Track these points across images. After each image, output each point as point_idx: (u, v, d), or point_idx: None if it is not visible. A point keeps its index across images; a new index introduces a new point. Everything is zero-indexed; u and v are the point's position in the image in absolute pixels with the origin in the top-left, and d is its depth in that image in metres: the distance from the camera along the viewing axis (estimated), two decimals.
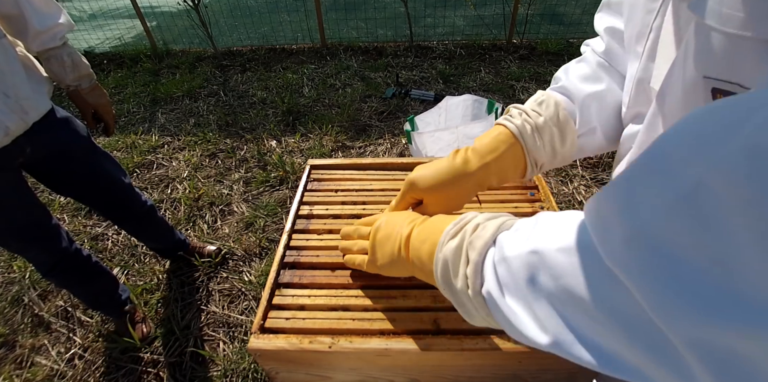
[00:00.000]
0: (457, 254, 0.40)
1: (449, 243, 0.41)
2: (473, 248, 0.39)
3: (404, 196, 0.57)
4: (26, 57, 1.03)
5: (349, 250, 0.59)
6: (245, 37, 3.99)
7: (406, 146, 2.35)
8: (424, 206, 0.56)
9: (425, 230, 0.47)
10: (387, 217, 0.54)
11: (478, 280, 0.38)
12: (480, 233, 0.39)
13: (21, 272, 1.73)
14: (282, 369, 0.58)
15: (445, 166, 0.54)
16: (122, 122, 2.78)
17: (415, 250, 0.47)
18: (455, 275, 0.40)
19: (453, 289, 0.41)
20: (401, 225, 0.50)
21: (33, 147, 1.04)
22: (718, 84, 0.30)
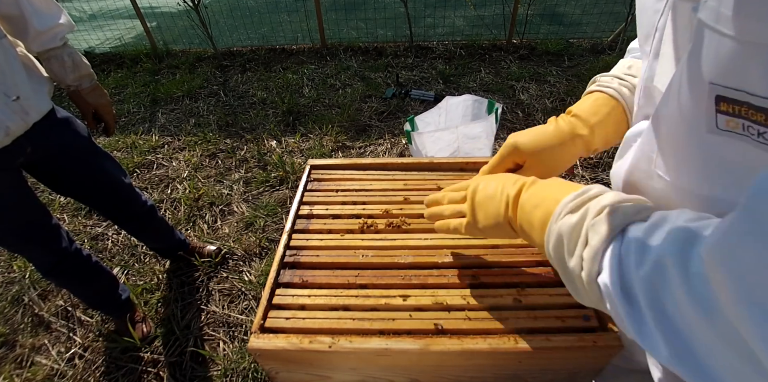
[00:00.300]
0: (575, 233, 0.38)
1: (567, 217, 0.39)
2: (595, 233, 0.36)
3: (503, 159, 0.57)
4: (27, 57, 1.03)
5: (440, 215, 0.57)
6: (245, 38, 3.99)
7: (406, 146, 2.35)
8: (524, 171, 0.56)
9: (538, 194, 0.44)
10: (484, 178, 0.53)
11: (595, 267, 0.36)
12: (607, 218, 0.36)
13: (21, 271, 1.73)
14: (282, 369, 0.58)
15: (550, 130, 0.55)
16: (122, 122, 2.78)
17: (526, 214, 0.44)
18: (569, 254, 0.38)
19: (564, 266, 0.39)
20: (506, 185, 0.48)
21: (33, 147, 1.04)
22: (724, 91, 0.29)
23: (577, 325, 0.54)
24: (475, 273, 0.62)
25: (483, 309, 0.57)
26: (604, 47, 3.37)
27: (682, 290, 0.28)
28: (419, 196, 0.78)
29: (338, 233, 0.71)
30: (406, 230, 0.71)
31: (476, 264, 0.64)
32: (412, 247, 0.67)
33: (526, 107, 2.66)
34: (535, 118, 2.53)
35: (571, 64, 3.17)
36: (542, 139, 0.55)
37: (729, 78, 0.29)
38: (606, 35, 3.52)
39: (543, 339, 0.52)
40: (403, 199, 0.77)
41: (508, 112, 2.62)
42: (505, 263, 0.64)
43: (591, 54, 3.31)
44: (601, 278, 0.35)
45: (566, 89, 2.81)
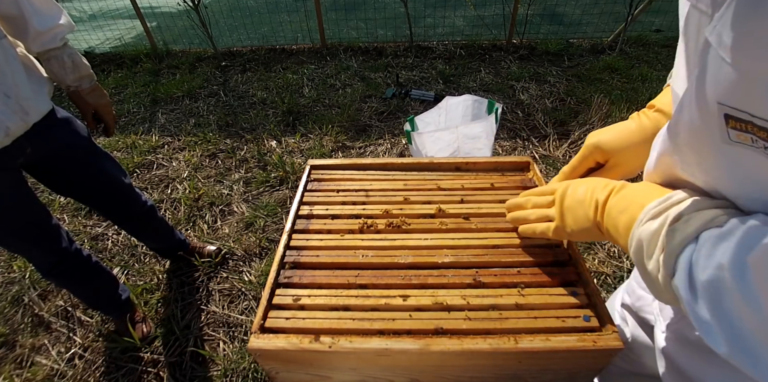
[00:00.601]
0: (654, 238, 0.40)
1: (648, 224, 0.41)
2: (671, 239, 0.38)
3: (585, 158, 0.57)
4: (26, 57, 1.03)
5: (525, 219, 0.59)
6: (245, 38, 3.99)
7: (406, 146, 2.35)
8: (608, 169, 0.57)
9: (625, 200, 0.46)
10: (572, 183, 0.53)
11: (669, 270, 0.38)
12: (682, 226, 0.38)
13: (21, 272, 1.73)
14: (282, 369, 0.58)
15: (633, 127, 0.55)
16: (122, 122, 2.78)
17: (612, 219, 0.46)
18: (648, 257, 0.40)
19: (644, 268, 0.41)
20: (594, 189, 0.50)
21: (33, 147, 1.04)
22: (731, 111, 0.30)
23: (577, 325, 0.54)
24: (475, 273, 0.62)
25: (483, 309, 0.57)
26: (604, 47, 3.37)
27: (738, 295, 0.30)
28: (419, 196, 0.78)
29: (338, 233, 0.71)
30: (406, 230, 0.71)
31: (476, 264, 0.64)
32: (412, 247, 0.67)
33: (526, 107, 2.66)
34: (535, 118, 2.53)
35: (571, 64, 3.17)
36: (625, 137, 0.55)
37: (733, 100, 0.30)
38: (606, 35, 3.52)
39: (543, 339, 0.52)
40: (403, 199, 0.77)
41: (508, 112, 2.62)
42: (505, 263, 0.64)
43: (591, 54, 3.31)
44: (674, 281, 0.38)
45: (566, 89, 2.81)
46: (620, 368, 0.74)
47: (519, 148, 2.32)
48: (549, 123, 2.48)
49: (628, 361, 0.70)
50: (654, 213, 0.41)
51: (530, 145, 2.33)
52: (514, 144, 2.35)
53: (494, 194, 0.79)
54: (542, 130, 2.43)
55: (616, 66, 3.04)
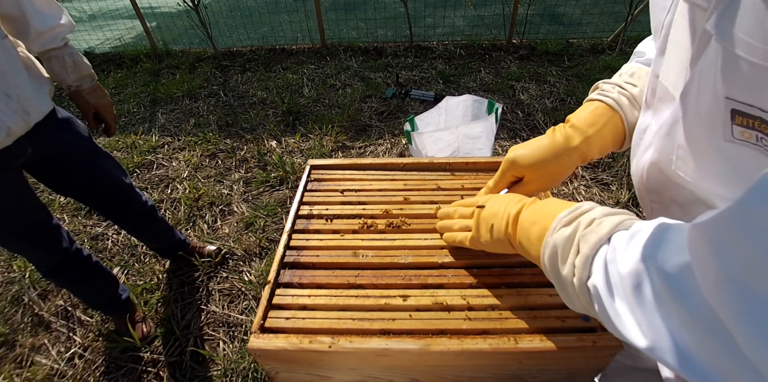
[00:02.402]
0: (568, 243, 0.41)
1: (561, 230, 0.42)
2: (586, 242, 0.40)
3: (504, 174, 0.60)
4: (27, 57, 1.03)
5: (449, 228, 0.61)
6: (245, 38, 3.99)
7: (406, 146, 2.35)
8: (524, 184, 0.59)
9: (536, 212, 0.48)
10: (492, 197, 0.56)
11: (585, 272, 0.39)
12: (595, 228, 0.40)
13: (21, 271, 1.73)
14: (282, 369, 0.58)
15: (546, 143, 0.57)
16: (122, 122, 2.79)
17: (524, 230, 0.48)
18: (563, 262, 0.42)
19: (558, 274, 0.43)
20: (509, 204, 0.52)
21: (34, 147, 1.04)
22: (739, 106, 0.30)
23: (577, 325, 0.54)
24: (475, 273, 0.62)
25: (483, 309, 0.57)
26: (604, 47, 3.37)
27: (659, 280, 0.31)
28: (419, 196, 0.78)
29: (338, 233, 0.71)
30: (406, 230, 0.71)
31: (476, 264, 0.64)
32: (412, 247, 0.67)
33: (526, 107, 2.66)
34: (535, 118, 2.54)
35: (571, 64, 3.17)
36: (538, 153, 0.57)
37: (743, 94, 0.30)
38: (606, 35, 3.52)
39: (543, 339, 0.52)
40: (403, 199, 0.77)
41: (508, 112, 2.62)
42: (505, 263, 0.64)
43: (591, 54, 3.31)
44: (591, 281, 0.39)
45: (566, 89, 2.81)
46: (619, 363, 0.74)
47: None
48: (549, 123, 2.48)
49: (626, 355, 0.71)
50: (566, 220, 0.43)
51: None
52: (514, 144, 2.35)
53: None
54: (542, 131, 2.43)
55: (616, 66, 3.04)
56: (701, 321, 0.29)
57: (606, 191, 2.01)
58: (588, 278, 0.39)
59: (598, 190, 2.02)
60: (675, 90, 0.40)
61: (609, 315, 0.37)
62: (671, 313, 0.31)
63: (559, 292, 0.44)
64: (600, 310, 0.38)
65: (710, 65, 0.32)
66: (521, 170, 0.58)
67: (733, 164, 0.34)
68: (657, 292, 0.32)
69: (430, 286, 0.61)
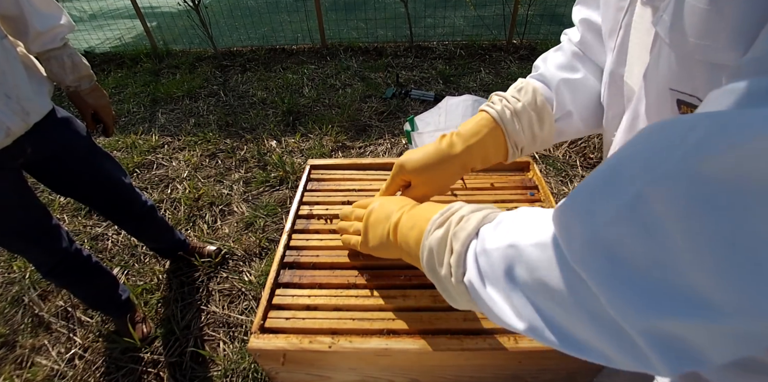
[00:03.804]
0: (442, 244, 0.43)
1: (435, 232, 0.44)
2: (457, 239, 0.41)
3: (394, 178, 0.60)
4: (27, 57, 1.03)
5: (345, 230, 0.62)
6: (245, 38, 3.99)
7: (406, 146, 2.35)
8: (412, 188, 0.60)
9: (413, 217, 0.49)
10: (380, 201, 0.57)
11: (460, 269, 0.40)
12: (464, 225, 0.41)
13: (21, 272, 1.73)
14: (282, 369, 0.58)
15: (431, 149, 0.57)
16: (122, 122, 2.78)
17: (403, 236, 0.49)
18: (440, 263, 0.43)
19: (437, 275, 0.44)
20: (392, 210, 0.53)
21: (34, 147, 1.04)
22: (681, 96, 0.33)
23: None
24: None
25: None
26: None
27: (527, 260, 0.33)
28: None
29: (338, 233, 0.71)
30: None
31: None
32: None
33: None
34: None
35: None
36: (423, 158, 0.57)
37: (682, 85, 0.32)
38: None
39: None
40: None
41: None
42: None
43: None
44: (466, 277, 0.40)
45: None
46: None
47: None
48: None
49: None
50: (439, 222, 0.44)
51: None
52: None
53: (494, 194, 0.79)
54: None
55: None
56: (569, 293, 0.29)
57: None
58: (463, 275, 0.40)
59: None
60: (637, 87, 0.41)
61: (488, 305, 0.37)
62: (543, 294, 0.32)
63: (441, 293, 0.45)
64: (480, 303, 0.39)
65: (657, 59, 0.35)
66: (408, 175, 0.59)
67: None
68: (526, 272, 0.33)
69: (431, 286, 0.61)
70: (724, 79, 0.25)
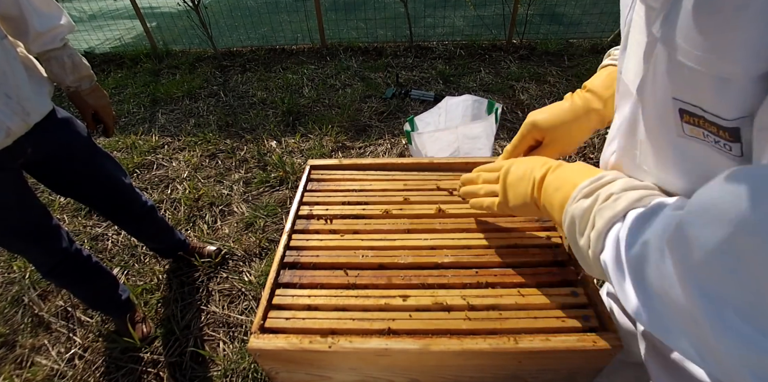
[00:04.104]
0: (585, 216, 0.42)
1: (580, 202, 0.43)
2: (601, 217, 0.40)
3: (524, 137, 0.61)
4: (27, 58, 1.03)
5: (475, 194, 0.61)
6: (245, 38, 3.99)
7: (406, 147, 2.35)
8: (544, 147, 0.60)
9: (559, 178, 0.48)
10: (514, 161, 0.56)
11: (599, 246, 0.40)
12: (612, 204, 0.40)
13: (21, 272, 1.73)
14: (282, 369, 0.58)
15: (566, 106, 0.58)
16: (122, 123, 2.78)
17: (548, 196, 0.48)
18: (580, 234, 0.43)
19: (576, 244, 0.44)
20: (533, 168, 0.52)
21: (34, 148, 1.04)
22: (684, 106, 0.32)
23: (577, 325, 0.54)
24: (475, 273, 0.62)
25: (483, 309, 0.57)
26: (604, 47, 3.36)
27: (656, 266, 0.32)
28: (419, 196, 0.78)
29: (338, 233, 0.71)
30: (406, 230, 0.71)
31: (476, 264, 0.64)
32: (412, 247, 0.67)
33: (526, 107, 2.66)
34: None
35: (571, 64, 3.17)
36: (558, 115, 0.58)
37: (686, 95, 0.32)
38: (606, 35, 3.52)
39: (543, 339, 0.52)
40: (403, 199, 0.77)
41: (508, 112, 2.62)
42: (505, 263, 0.64)
43: (591, 54, 3.31)
44: (603, 255, 0.40)
45: (566, 89, 2.80)
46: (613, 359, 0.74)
47: None
48: None
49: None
50: (586, 192, 0.43)
51: None
52: None
53: None
54: None
55: None
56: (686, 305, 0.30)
57: None
58: (601, 252, 0.40)
59: None
60: (633, 87, 0.41)
61: (616, 287, 0.38)
62: (662, 294, 0.32)
63: (578, 259, 0.45)
64: (610, 280, 0.39)
65: (659, 66, 0.34)
66: (542, 133, 0.59)
67: (687, 158, 0.36)
68: (652, 273, 0.33)
69: (430, 286, 0.61)
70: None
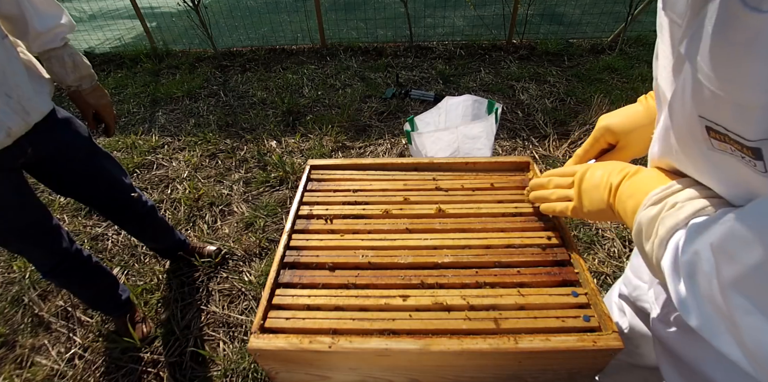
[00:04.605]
0: (652, 223, 0.43)
1: (649, 209, 0.44)
2: (663, 225, 0.42)
3: (597, 140, 0.61)
4: (27, 58, 1.03)
5: (546, 199, 0.62)
6: (245, 38, 3.99)
7: (406, 147, 2.35)
8: (617, 151, 0.60)
9: (634, 185, 0.49)
10: (592, 167, 0.56)
11: (660, 252, 0.42)
12: (675, 212, 0.41)
13: (21, 272, 1.73)
14: (282, 369, 0.58)
15: (641, 109, 0.58)
16: (122, 123, 2.78)
17: (621, 202, 0.49)
18: (647, 240, 0.44)
19: (643, 249, 0.45)
20: (611, 173, 0.53)
21: (34, 147, 1.04)
22: (710, 124, 0.33)
23: (577, 325, 0.54)
24: (475, 273, 0.62)
25: (483, 309, 0.57)
26: (604, 47, 3.37)
27: (704, 274, 0.34)
28: (419, 196, 0.78)
29: (338, 233, 0.71)
30: (406, 230, 0.71)
31: (476, 264, 0.64)
32: (412, 247, 0.67)
33: (526, 107, 2.66)
34: (535, 118, 2.53)
35: (571, 64, 3.17)
36: (634, 119, 0.58)
37: (710, 114, 0.33)
38: (606, 35, 3.52)
39: (543, 339, 0.52)
40: (403, 199, 0.77)
41: (508, 112, 2.62)
42: (505, 263, 0.64)
43: (591, 54, 3.31)
44: (663, 261, 0.41)
45: (566, 89, 2.81)
46: (618, 361, 0.74)
47: (519, 148, 2.32)
48: (549, 123, 2.48)
49: (626, 352, 0.71)
50: (655, 200, 0.44)
51: (530, 146, 2.33)
52: (514, 144, 2.36)
53: (494, 194, 0.79)
54: (542, 131, 2.43)
55: (616, 66, 3.04)
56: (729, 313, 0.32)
57: None
58: (662, 258, 0.42)
59: None
60: (667, 93, 0.42)
61: (672, 291, 0.39)
62: (711, 302, 0.34)
63: (646, 265, 0.47)
64: (670, 288, 0.40)
65: (686, 83, 0.35)
66: (615, 137, 0.59)
67: (719, 168, 0.37)
68: (703, 280, 0.35)
69: (430, 286, 0.61)
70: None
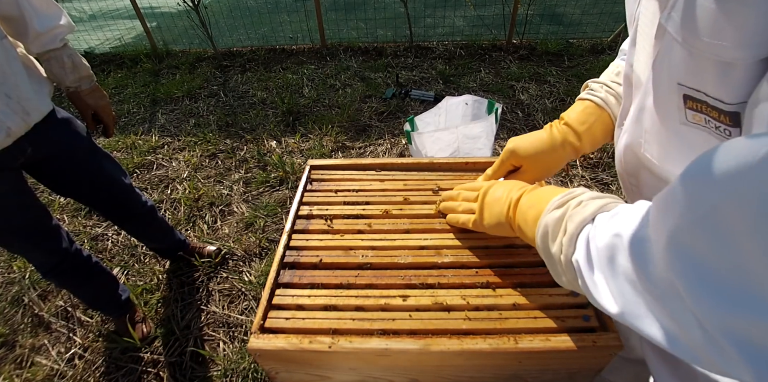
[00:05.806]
0: (558, 223, 0.46)
1: (553, 212, 0.47)
2: (572, 221, 0.44)
3: (504, 163, 0.66)
4: (27, 58, 1.03)
5: (453, 210, 0.66)
6: (245, 38, 3.99)
7: (406, 147, 2.35)
8: (521, 173, 0.65)
9: (534, 197, 0.52)
10: (494, 183, 0.61)
11: (570, 249, 0.43)
12: (581, 209, 0.44)
13: (21, 272, 1.73)
14: (282, 369, 0.58)
15: (545, 137, 0.63)
16: (122, 123, 2.78)
17: (522, 213, 0.52)
18: (552, 241, 0.46)
19: (548, 252, 0.47)
20: (511, 190, 0.56)
21: (34, 148, 1.04)
22: (688, 91, 0.34)
23: (577, 325, 0.54)
24: (475, 273, 0.62)
25: (483, 309, 0.57)
26: (604, 47, 3.37)
27: (626, 252, 0.35)
28: (419, 196, 0.78)
29: (338, 233, 0.71)
30: (406, 230, 0.71)
31: (476, 264, 0.64)
32: (412, 247, 0.67)
33: (526, 107, 2.66)
34: (535, 118, 2.53)
35: (571, 64, 3.16)
36: (537, 145, 0.63)
37: (690, 80, 0.34)
38: (606, 35, 3.52)
39: (543, 339, 0.52)
40: (403, 199, 0.77)
41: (508, 112, 2.62)
42: (505, 263, 0.64)
43: (591, 54, 3.31)
44: (575, 256, 0.43)
45: (566, 89, 2.81)
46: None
47: None
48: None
49: None
50: (558, 204, 0.47)
51: None
52: None
53: None
54: None
55: None
56: (659, 286, 0.32)
57: (606, 191, 2.01)
58: (572, 254, 0.43)
59: (598, 189, 2.02)
60: (644, 78, 0.43)
61: (588, 286, 0.40)
62: (636, 281, 0.34)
63: (549, 269, 0.49)
64: (582, 283, 0.42)
65: (665, 54, 0.36)
66: (519, 160, 0.63)
67: (689, 146, 0.38)
68: (625, 263, 0.35)
69: (430, 286, 0.61)
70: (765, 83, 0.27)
